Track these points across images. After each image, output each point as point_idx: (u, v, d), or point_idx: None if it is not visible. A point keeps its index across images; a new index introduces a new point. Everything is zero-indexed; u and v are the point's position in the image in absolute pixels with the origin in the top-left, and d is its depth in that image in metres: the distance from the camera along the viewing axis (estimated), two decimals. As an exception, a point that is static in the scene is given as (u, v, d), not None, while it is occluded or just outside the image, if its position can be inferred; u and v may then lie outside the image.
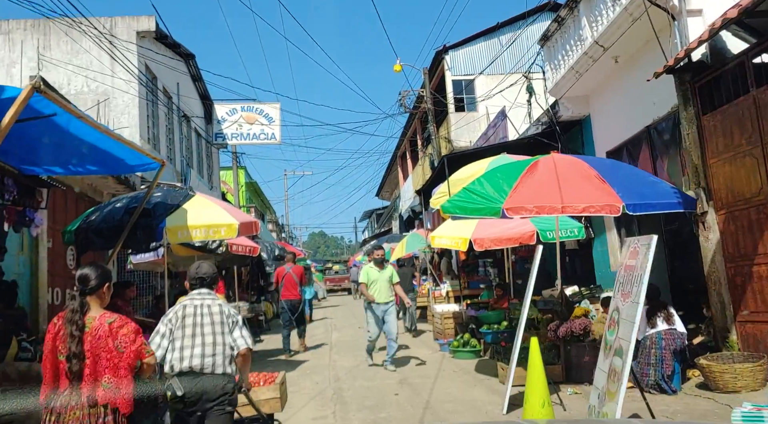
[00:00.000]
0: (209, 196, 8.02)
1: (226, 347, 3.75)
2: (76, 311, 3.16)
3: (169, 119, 15.25)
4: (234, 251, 9.32)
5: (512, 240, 8.51)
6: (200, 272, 3.93)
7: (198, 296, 3.85)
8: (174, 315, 3.80)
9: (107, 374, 3.13)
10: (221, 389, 3.66)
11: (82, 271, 3.29)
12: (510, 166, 6.84)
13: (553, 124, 10.82)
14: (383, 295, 8.53)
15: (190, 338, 3.72)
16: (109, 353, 3.14)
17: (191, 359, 3.68)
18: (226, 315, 3.79)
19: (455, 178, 10.51)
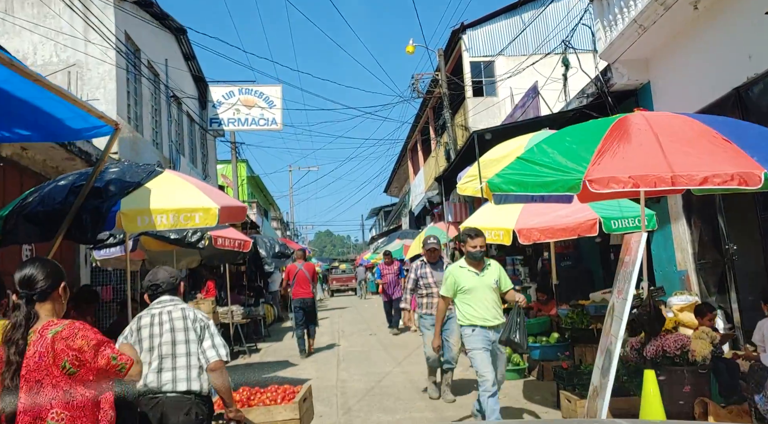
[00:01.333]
0: (183, 174, 6.31)
1: (191, 357, 3.21)
2: (19, 326, 2.26)
3: (155, 99, 13.57)
4: (219, 246, 7.62)
5: (567, 230, 6.76)
6: (153, 279, 3.51)
7: (157, 305, 3.39)
8: (128, 330, 3.34)
9: (55, 408, 2.21)
10: (184, 415, 3.08)
11: (23, 271, 2.39)
12: (580, 128, 5.08)
13: (603, 95, 9.05)
14: (490, 312, 5.20)
15: (147, 352, 3.21)
16: (53, 379, 2.22)
17: (146, 376, 3.14)
18: (191, 320, 3.28)
19: (487, 158, 8.78)
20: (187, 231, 7.41)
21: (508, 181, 4.78)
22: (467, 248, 5.39)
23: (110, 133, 5.12)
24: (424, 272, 6.73)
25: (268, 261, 13.66)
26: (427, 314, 6.59)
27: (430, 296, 6.61)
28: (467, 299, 5.24)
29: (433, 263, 6.79)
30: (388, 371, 8.10)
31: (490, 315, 5.24)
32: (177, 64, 15.23)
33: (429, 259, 6.82)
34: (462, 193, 8.97)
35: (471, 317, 5.23)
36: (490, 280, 5.33)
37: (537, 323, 7.74)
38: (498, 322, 5.25)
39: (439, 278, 6.39)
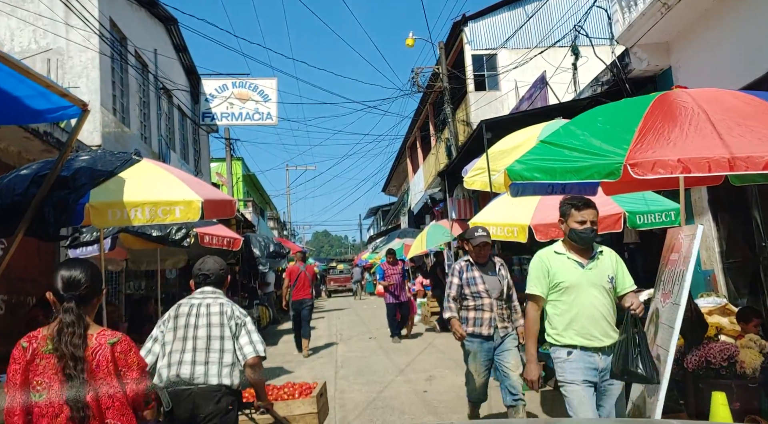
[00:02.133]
0: (163, 164, 5.68)
1: (225, 353, 3.23)
2: (73, 325, 2.21)
3: (143, 91, 12.91)
4: (206, 244, 6.98)
5: (592, 226, 6.13)
6: (203, 268, 3.50)
7: (199, 295, 3.42)
8: (167, 316, 3.39)
9: (110, 417, 2.23)
10: (215, 404, 3.11)
11: (65, 272, 2.33)
12: (614, 108, 4.47)
13: (620, 82, 8.44)
14: (598, 325, 3.57)
15: (180, 341, 3.24)
16: (112, 388, 2.25)
17: (179, 365, 3.18)
18: (227, 316, 3.31)
19: (497, 150, 8.17)
20: (170, 228, 6.80)
21: (531, 167, 4.16)
22: (570, 224, 3.75)
23: (78, 115, 4.51)
24: (471, 276, 5.07)
25: (262, 261, 13.05)
26: (476, 333, 4.98)
27: (479, 309, 5.00)
28: (563, 302, 3.54)
29: (482, 264, 5.14)
30: (390, 380, 7.49)
31: (599, 330, 3.49)
32: (167, 55, 14.59)
33: (477, 258, 5.14)
34: (469, 187, 8.35)
35: (567, 332, 3.53)
36: (603, 276, 3.59)
37: (552, 327, 7.11)
38: (610, 341, 3.48)
39: (493, 284, 5.05)
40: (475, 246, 5.11)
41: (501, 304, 5.03)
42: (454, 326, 5.05)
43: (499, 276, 5.13)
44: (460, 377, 7.53)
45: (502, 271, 5.21)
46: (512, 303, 5.15)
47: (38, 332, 2.31)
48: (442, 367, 8.30)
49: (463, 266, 5.18)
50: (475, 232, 5.23)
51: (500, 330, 4.98)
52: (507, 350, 4.93)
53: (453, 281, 5.17)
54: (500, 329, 4.98)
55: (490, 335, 4.95)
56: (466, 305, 5.04)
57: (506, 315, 5.05)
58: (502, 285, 5.09)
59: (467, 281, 5.06)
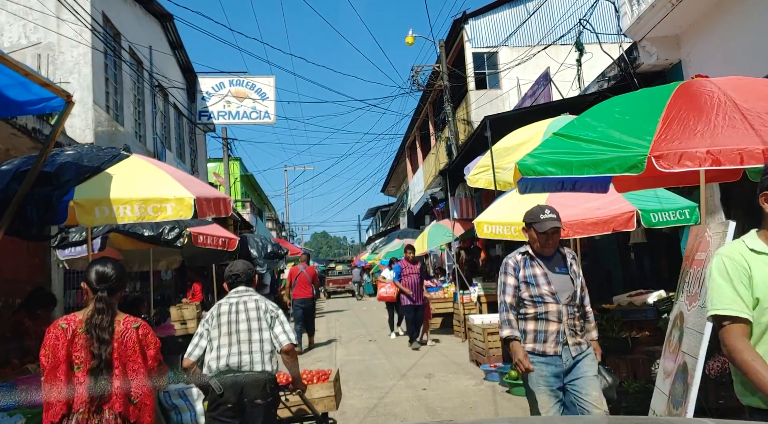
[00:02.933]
0: (153, 160, 5.41)
1: (264, 343, 3.65)
2: (103, 313, 2.80)
3: (138, 88, 12.64)
4: (200, 244, 6.71)
5: (600, 225, 5.88)
6: (234, 270, 3.91)
7: (234, 294, 3.81)
8: (210, 315, 3.77)
9: (134, 386, 2.82)
10: (261, 387, 3.56)
11: (100, 268, 2.93)
12: (632, 98, 4.22)
13: (628, 77, 8.19)
14: None
15: (225, 336, 3.65)
16: (136, 363, 2.85)
17: (228, 357, 3.59)
18: (263, 311, 3.72)
19: (501, 146, 7.92)
20: (163, 227, 6.53)
21: (545, 161, 3.90)
22: None
23: (62, 107, 4.26)
24: (532, 274, 3.69)
25: (259, 262, 12.73)
26: (537, 352, 3.57)
27: (542, 318, 3.60)
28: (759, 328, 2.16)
29: (548, 258, 3.75)
30: (391, 386, 7.22)
31: None
32: (163, 52, 14.31)
33: (543, 249, 3.73)
34: (473, 185, 8.10)
35: None
36: None
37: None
38: None
39: (562, 284, 3.66)
40: (542, 233, 3.68)
41: (573, 311, 3.62)
42: (517, 353, 3.53)
43: (570, 273, 3.74)
44: (463, 381, 7.28)
45: (573, 266, 3.81)
46: (585, 309, 3.81)
47: (74, 315, 2.85)
48: (444, 370, 8.03)
49: (519, 260, 3.74)
50: (541, 213, 3.75)
51: (572, 348, 3.57)
52: (584, 376, 3.57)
53: (507, 281, 3.71)
54: (572, 347, 3.58)
55: (557, 354, 3.55)
56: (524, 312, 3.64)
57: (579, 327, 3.67)
58: (575, 286, 3.69)
59: (526, 280, 3.66)
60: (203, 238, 6.74)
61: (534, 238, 3.78)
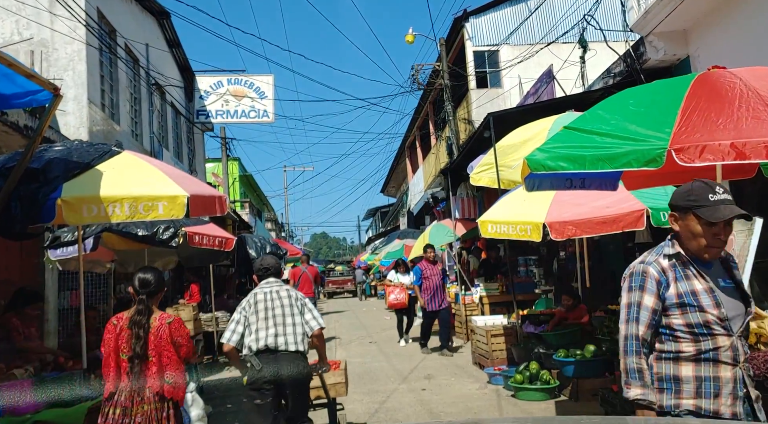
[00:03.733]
0: (145, 156, 5.21)
1: (297, 326, 4.13)
2: (142, 313, 3.54)
3: (134, 86, 12.45)
4: (196, 244, 6.51)
5: (608, 224, 5.68)
6: (264, 264, 4.45)
7: (266, 285, 4.28)
8: (246, 303, 4.22)
9: (168, 370, 3.52)
10: (295, 365, 4.02)
11: (142, 275, 3.67)
12: (647, 90, 4.02)
13: (634, 73, 8.00)
14: None
15: (263, 320, 4.09)
16: (169, 352, 3.54)
17: (266, 338, 4.05)
18: (294, 299, 4.22)
19: (505, 144, 7.74)
20: (158, 227, 6.33)
21: (556, 156, 3.71)
22: None
23: (49, 100, 4.07)
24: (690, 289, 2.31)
25: (258, 263, 12.59)
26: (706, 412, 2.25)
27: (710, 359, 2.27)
28: None
29: (707, 264, 2.37)
30: (393, 389, 7.03)
31: None
32: (160, 51, 14.12)
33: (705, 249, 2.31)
34: (476, 184, 7.91)
35: None
36: None
37: (566, 332, 6.67)
38: None
39: (734, 306, 2.32)
40: (712, 225, 2.26)
41: (746, 346, 2.34)
42: None
43: (738, 286, 2.41)
44: (466, 384, 7.08)
45: (737, 274, 2.47)
46: None
47: (122, 314, 3.62)
48: (446, 373, 7.84)
49: (666, 268, 2.34)
50: (711, 192, 2.30)
51: (756, 405, 2.31)
52: None
53: (643, 300, 2.32)
54: (755, 403, 2.31)
55: (737, 416, 2.24)
56: (675, 351, 2.30)
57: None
58: (748, 306, 2.37)
59: (682, 299, 2.29)
60: (199, 238, 6.54)
61: (696, 231, 2.30)
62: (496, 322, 8.07)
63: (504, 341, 7.55)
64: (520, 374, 6.18)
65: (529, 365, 6.27)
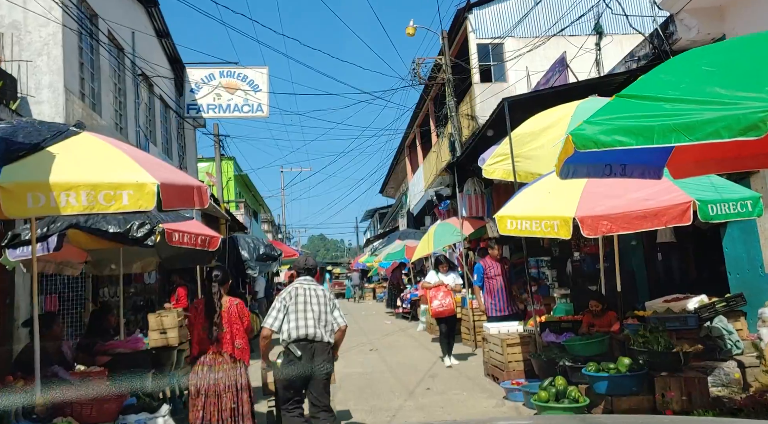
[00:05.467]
0: (110, 139, 4.44)
1: (328, 323, 4.70)
2: (215, 294, 4.63)
3: (119, 77, 11.68)
4: (176, 243, 5.75)
5: (649, 218, 4.92)
6: (308, 264, 5.00)
7: (305, 282, 4.82)
8: (287, 294, 4.74)
9: (237, 339, 4.60)
10: (326, 353, 4.63)
11: (214, 272, 4.71)
12: (722, 48, 3.30)
13: (663, 55, 7.27)
14: None
15: (302, 312, 4.63)
16: (238, 325, 4.63)
17: (306, 328, 4.59)
18: (327, 298, 4.78)
19: (522, 132, 7.01)
20: (132, 223, 5.58)
21: (612, 129, 2.95)
22: None
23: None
24: None
25: (251, 264, 11.81)
26: None
27: None
28: None
29: None
30: (398, 407, 6.27)
31: None
32: (149, 41, 13.36)
33: None
34: (489, 176, 7.17)
35: None
36: None
37: (593, 342, 5.92)
38: None
39: None
40: None
41: None
42: None
43: None
44: (481, 400, 6.34)
45: None
46: None
47: (201, 299, 4.92)
48: (457, 387, 7.08)
49: None
50: None
51: None
52: None
53: None
54: None
55: None
56: None
57: None
58: None
59: None
60: (179, 236, 5.77)
61: None
62: (511, 329, 7.32)
63: (521, 350, 6.79)
64: (544, 390, 5.42)
65: (554, 380, 5.50)
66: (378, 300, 28.60)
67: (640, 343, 5.48)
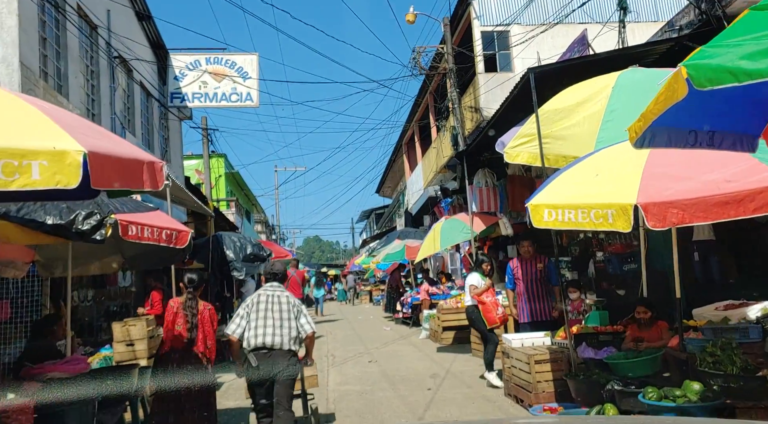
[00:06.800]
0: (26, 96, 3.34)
1: (292, 329, 4.64)
2: (191, 299, 5.05)
3: (91, 58, 10.57)
4: (131, 237, 4.64)
5: (731, 205, 3.77)
6: (274, 269, 5.07)
7: (270, 288, 4.81)
8: (251, 301, 4.73)
9: (208, 340, 5.06)
10: (287, 362, 4.56)
11: (189, 276, 5.15)
12: None
13: (712, 20, 6.22)
14: None
15: (262, 320, 4.61)
16: (208, 327, 5.07)
17: (264, 337, 4.56)
18: (291, 305, 4.73)
19: (551, 108, 5.95)
20: (76, 214, 4.47)
21: (753, 54, 1.91)
22: None
23: None
24: None
25: (237, 265, 10.68)
26: None
27: None
28: None
29: None
30: (406, 436, 5.19)
31: None
32: (128, 23, 12.25)
33: None
34: (512, 161, 6.08)
35: None
36: None
37: (645, 360, 4.86)
38: None
39: None
40: None
41: None
42: None
43: None
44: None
45: None
46: None
47: (176, 300, 5.16)
48: (476, 410, 6.00)
49: None
50: None
51: None
52: None
53: None
54: None
55: None
56: None
57: None
58: None
59: None
60: (137, 229, 4.67)
61: None
62: (537, 341, 6.25)
63: (551, 368, 5.71)
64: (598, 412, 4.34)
65: (603, 408, 4.43)
66: (375, 303, 27.51)
67: (709, 363, 4.42)
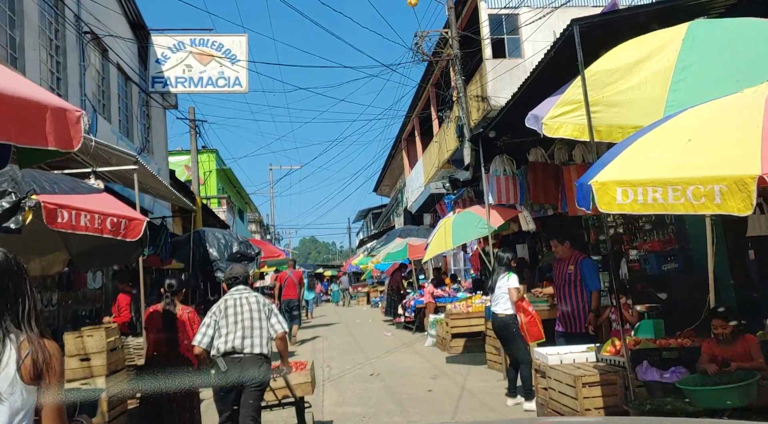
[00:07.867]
0: None
1: (263, 330, 4.49)
2: (170, 305, 5.20)
3: (55, 32, 9.39)
4: (61, 226, 3.47)
5: None
6: (233, 273, 4.82)
7: (236, 292, 4.63)
8: (217, 308, 4.56)
9: (186, 341, 5.02)
10: (257, 369, 4.38)
11: (168, 281, 5.37)
12: None
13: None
14: None
15: (232, 324, 4.45)
16: (187, 330, 5.11)
17: (233, 341, 4.39)
18: (261, 304, 4.58)
19: (599, 69, 4.83)
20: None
21: None
22: None
23: None
24: None
25: (221, 265, 9.50)
26: None
27: None
28: None
29: None
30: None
31: None
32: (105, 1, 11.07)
33: None
34: (551, 135, 4.92)
35: None
36: None
37: (737, 388, 3.73)
38: None
39: None
40: None
41: None
42: None
43: None
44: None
45: None
46: None
47: (157, 306, 5.33)
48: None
49: None
50: None
51: None
52: None
53: None
54: None
55: None
56: None
57: None
58: None
59: None
60: (68, 215, 3.49)
61: None
62: (578, 357, 5.11)
63: (601, 392, 4.57)
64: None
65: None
66: (373, 305, 26.35)
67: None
